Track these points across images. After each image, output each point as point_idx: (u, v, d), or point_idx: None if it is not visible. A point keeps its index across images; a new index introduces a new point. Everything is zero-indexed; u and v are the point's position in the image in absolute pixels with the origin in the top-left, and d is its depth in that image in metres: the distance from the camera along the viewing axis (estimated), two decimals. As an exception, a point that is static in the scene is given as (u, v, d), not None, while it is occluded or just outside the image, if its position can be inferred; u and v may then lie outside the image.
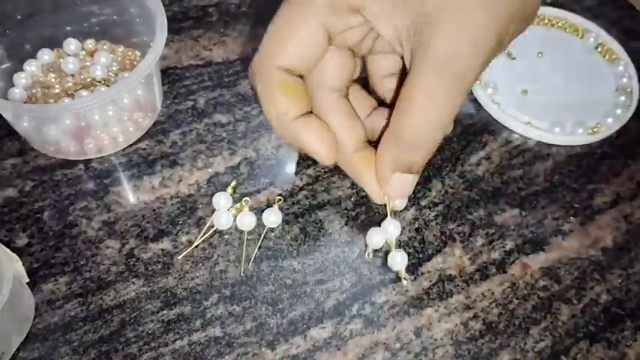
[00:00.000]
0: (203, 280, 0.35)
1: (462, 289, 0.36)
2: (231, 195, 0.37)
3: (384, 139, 0.31)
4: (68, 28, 0.43)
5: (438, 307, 0.35)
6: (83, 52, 0.43)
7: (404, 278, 0.35)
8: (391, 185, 0.32)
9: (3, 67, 0.41)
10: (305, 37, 0.29)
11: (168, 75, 0.44)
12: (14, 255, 0.32)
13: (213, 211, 0.37)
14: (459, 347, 0.34)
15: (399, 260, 0.35)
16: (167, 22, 0.38)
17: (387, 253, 0.35)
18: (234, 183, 0.38)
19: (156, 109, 0.42)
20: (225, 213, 0.36)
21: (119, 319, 0.33)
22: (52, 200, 0.37)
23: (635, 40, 0.49)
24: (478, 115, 0.44)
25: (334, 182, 0.39)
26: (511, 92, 0.44)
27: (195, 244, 0.36)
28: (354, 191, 0.39)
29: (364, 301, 0.35)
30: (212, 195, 0.38)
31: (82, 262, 0.35)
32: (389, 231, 0.35)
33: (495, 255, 0.37)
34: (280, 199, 0.38)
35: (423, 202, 0.39)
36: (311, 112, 0.32)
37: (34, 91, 0.41)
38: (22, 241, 0.36)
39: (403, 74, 0.33)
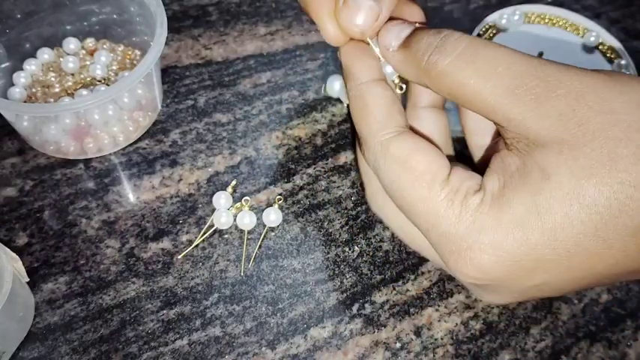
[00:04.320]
0: (203, 279, 0.35)
1: (463, 288, 0.36)
2: (231, 194, 0.37)
3: None
4: (68, 27, 0.43)
5: (439, 306, 0.35)
6: (83, 51, 0.43)
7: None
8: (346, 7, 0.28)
9: (3, 66, 0.41)
10: None
11: (169, 74, 0.44)
12: (14, 254, 0.32)
13: (214, 210, 0.37)
14: (459, 347, 0.34)
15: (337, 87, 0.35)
16: (167, 20, 0.38)
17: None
18: (234, 182, 0.38)
19: (156, 109, 0.41)
20: (225, 212, 0.36)
21: (119, 319, 0.33)
22: (51, 200, 0.37)
23: (635, 39, 0.49)
24: (478, 114, 0.44)
25: (334, 182, 0.39)
26: (511, 91, 0.44)
27: (195, 243, 0.36)
28: (354, 191, 0.39)
29: (364, 301, 0.35)
30: (212, 194, 0.38)
31: (82, 262, 0.35)
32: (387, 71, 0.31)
33: (496, 254, 0.37)
34: (280, 199, 0.38)
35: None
36: None
37: (33, 90, 0.41)
38: (21, 240, 0.36)
39: None
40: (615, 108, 0.23)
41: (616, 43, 0.47)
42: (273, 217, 0.37)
